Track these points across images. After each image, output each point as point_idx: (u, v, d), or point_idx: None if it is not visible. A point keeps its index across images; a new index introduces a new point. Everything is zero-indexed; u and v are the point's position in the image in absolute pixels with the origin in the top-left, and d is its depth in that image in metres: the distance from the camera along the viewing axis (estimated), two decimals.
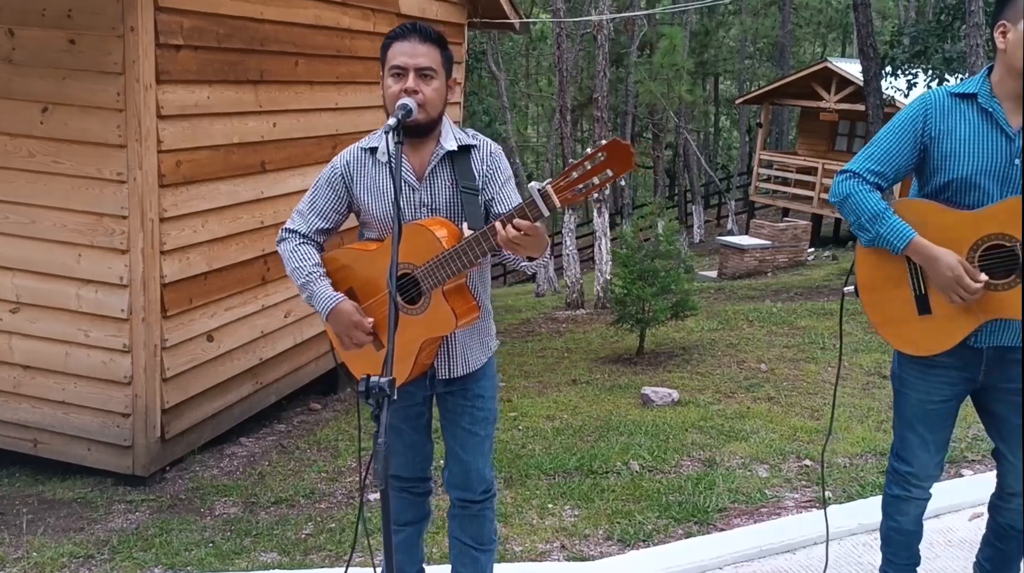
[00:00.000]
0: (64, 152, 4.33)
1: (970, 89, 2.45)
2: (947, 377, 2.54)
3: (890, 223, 2.42)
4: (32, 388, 4.62)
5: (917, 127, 2.46)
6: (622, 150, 2.11)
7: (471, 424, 2.66)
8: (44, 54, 4.25)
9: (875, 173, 2.49)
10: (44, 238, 4.44)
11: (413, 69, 2.42)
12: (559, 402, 5.85)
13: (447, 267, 2.35)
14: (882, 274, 2.52)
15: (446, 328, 2.44)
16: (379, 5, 6.23)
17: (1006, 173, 2.38)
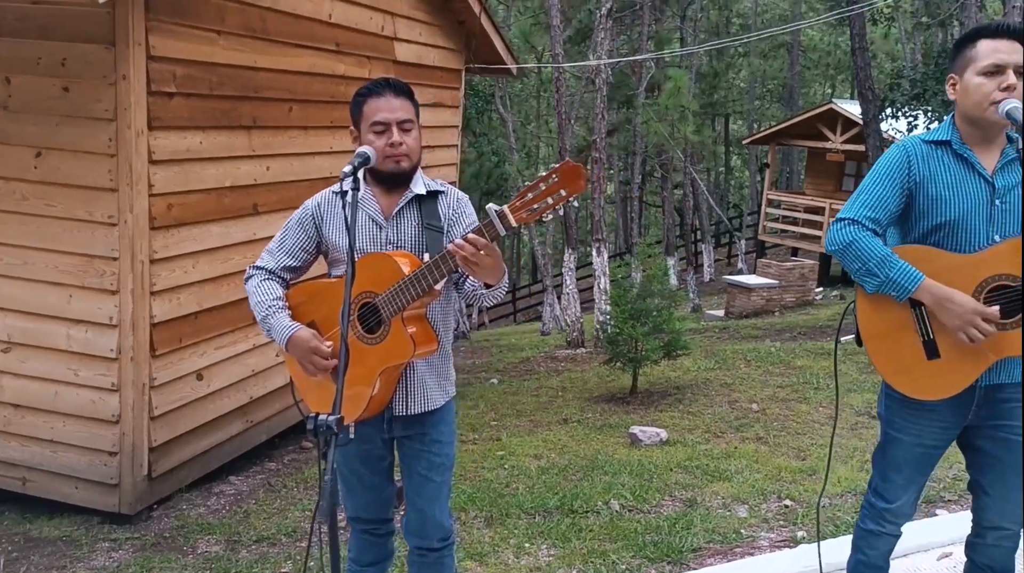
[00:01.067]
0: (56, 195, 4.45)
1: (942, 136, 2.53)
2: (940, 421, 2.55)
3: (899, 266, 2.44)
4: (21, 427, 4.69)
5: (903, 173, 2.52)
6: (574, 171, 2.21)
7: (427, 470, 2.70)
8: (38, 101, 4.39)
9: (872, 219, 2.52)
10: (36, 279, 4.54)
11: (395, 123, 2.54)
12: (548, 441, 5.87)
13: (407, 293, 2.42)
14: (887, 321, 2.53)
15: (404, 355, 2.49)
16: (375, 53, 6.39)
17: (990, 213, 2.45)
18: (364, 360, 2.56)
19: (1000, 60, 2.38)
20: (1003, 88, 2.37)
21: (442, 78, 7.48)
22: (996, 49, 2.40)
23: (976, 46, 2.43)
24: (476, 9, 7.42)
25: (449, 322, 2.77)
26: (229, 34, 4.90)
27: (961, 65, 2.46)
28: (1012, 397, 2.53)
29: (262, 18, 5.15)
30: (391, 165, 2.56)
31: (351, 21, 6.02)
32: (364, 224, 2.64)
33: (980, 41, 2.42)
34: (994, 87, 2.38)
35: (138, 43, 4.27)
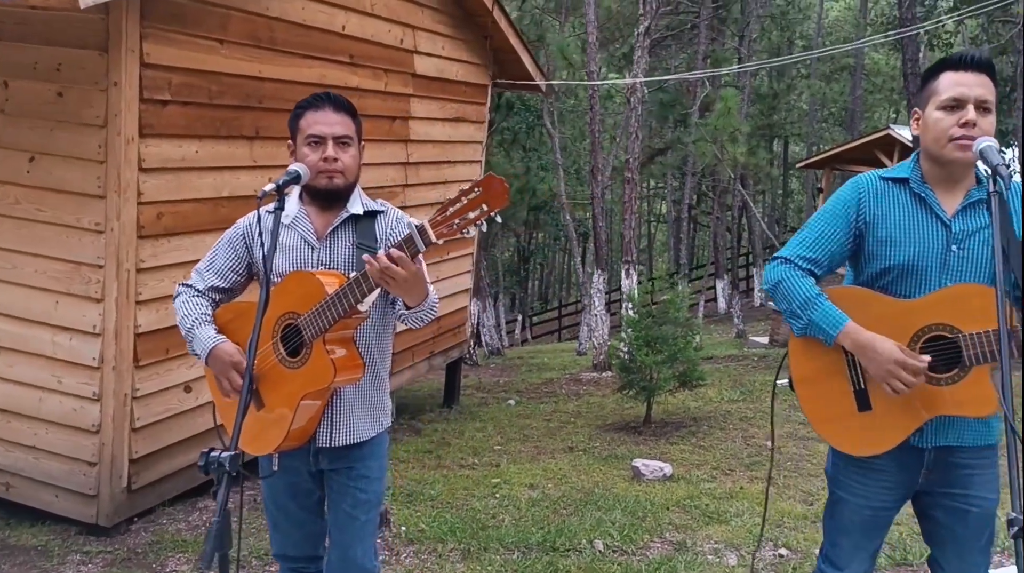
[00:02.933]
0: (47, 200, 4.42)
1: (902, 174, 2.35)
2: (887, 482, 2.36)
3: (822, 309, 2.28)
4: (6, 431, 4.66)
5: (850, 212, 2.36)
6: (497, 185, 2.10)
7: (352, 507, 2.54)
8: (34, 105, 4.37)
9: (807, 259, 2.37)
10: (25, 284, 4.51)
11: (331, 138, 2.42)
12: (548, 470, 5.68)
13: (329, 313, 2.29)
14: (818, 366, 2.36)
15: (324, 381, 2.35)
16: (392, 66, 6.30)
17: (945, 259, 2.26)
18: (285, 385, 2.43)
19: (959, 94, 2.19)
20: (961, 124, 2.17)
21: (466, 92, 7.37)
22: (958, 82, 2.20)
23: (939, 79, 2.24)
24: (502, 24, 7.30)
25: (386, 349, 2.62)
26: (233, 43, 4.84)
27: (924, 99, 2.29)
28: (966, 463, 2.32)
29: (270, 28, 5.08)
30: (324, 181, 2.44)
31: (367, 33, 5.94)
32: (296, 245, 2.51)
33: (944, 73, 2.24)
34: (952, 122, 2.19)
35: (131, 50, 4.22)
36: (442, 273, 7.43)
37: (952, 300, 2.18)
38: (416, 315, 2.40)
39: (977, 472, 2.32)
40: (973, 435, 2.31)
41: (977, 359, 2.15)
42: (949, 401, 2.19)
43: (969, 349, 2.15)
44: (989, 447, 2.34)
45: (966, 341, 2.16)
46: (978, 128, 2.18)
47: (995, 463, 2.36)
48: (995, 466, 2.36)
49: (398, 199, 6.56)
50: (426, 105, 6.77)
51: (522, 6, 19.44)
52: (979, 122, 2.19)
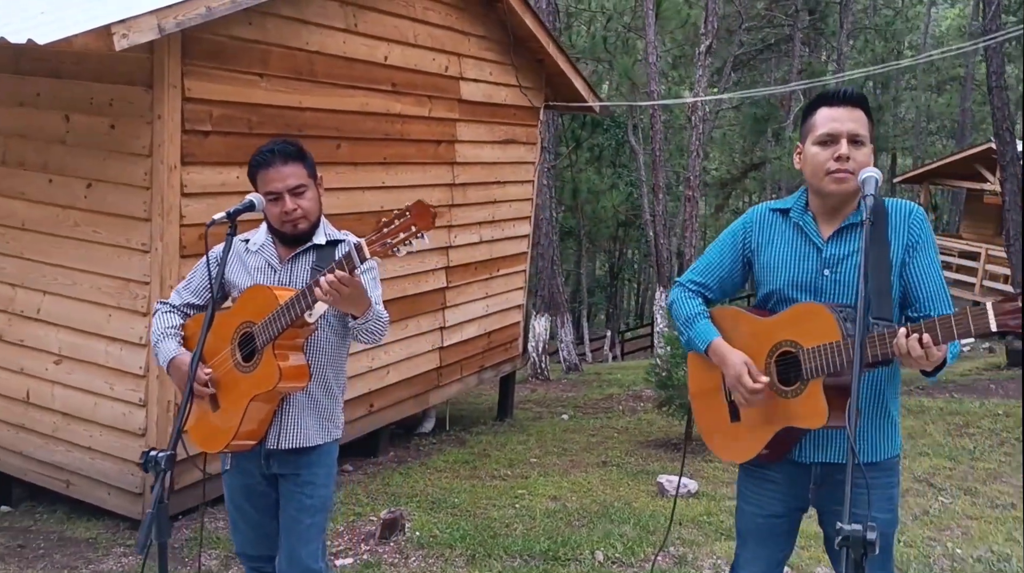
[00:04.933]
0: (102, 223, 4.86)
1: (787, 205, 2.54)
2: (778, 492, 2.50)
3: (698, 326, 2.51)
4: (67, 433, 5.12)
5: (737, 240, 2.57)
6: (424, 210, 2.34)
7: (297, 511, 2.77)
8: (90, 137, 4.82)
9: (696, 283, 2.64)
10: (83, 298, 4.96)
11: (286, 191, 2.68)
12: (576, 483, 5.80)
13: (278, 322, 2.55)
14: (706, 380, 2.57)
15: (268, 383, 2.59)
16: (437, 92, 6.58)
17: (816, 283, 2.41)
18: (237, 388, 2.69)
19: (833, 129, 2.31)
20: (836, 158, 2.29)
21: (516, 115, 7.60)
22: (832, 117, 2.33)
23: (816, 114, 2.38)
24: (550, 49, 7.50)
25: (340, 365, 2.85)
26: (273, 76, 5.19)
27: (804, 133, 2.44)
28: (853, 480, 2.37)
29: (310, 61, 5.43)
30: (289, 228, 2.71)
31: (410, 63, 6.23)
32: (260, 267, 2.78)
33: (820, 109, 2.37)
34: (828, 156, 2.32)
35: (173, 86, 4.62)
36: (492, 289, 7.67)
37: (796, 318, 2.33)
38: (365, 328, 2.62)
39: (863, 491, 2.37)
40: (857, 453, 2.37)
41: (813, 373, 2.26)
42: (793, 413, 2.32)
43: (807, 363, 2.26)
44: (875, 465, 2.40)
45: (804, 355, 2.27)
46: (852, 161, 2.29)
47: (888, 482, 2.43)
48: (888, 486, 2.42)
49: (444, 219, 6.83)
50: (473, 129, 7.02)
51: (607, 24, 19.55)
52: (853, 154, 2.29)
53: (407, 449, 6.86)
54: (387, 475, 5.92)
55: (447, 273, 6.96)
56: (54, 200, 4.99)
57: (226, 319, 2.72)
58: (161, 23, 4.21)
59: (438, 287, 6.89)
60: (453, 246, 6.98)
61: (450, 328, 7.12)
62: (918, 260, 2.38)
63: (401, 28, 6.09)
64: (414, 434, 7.44)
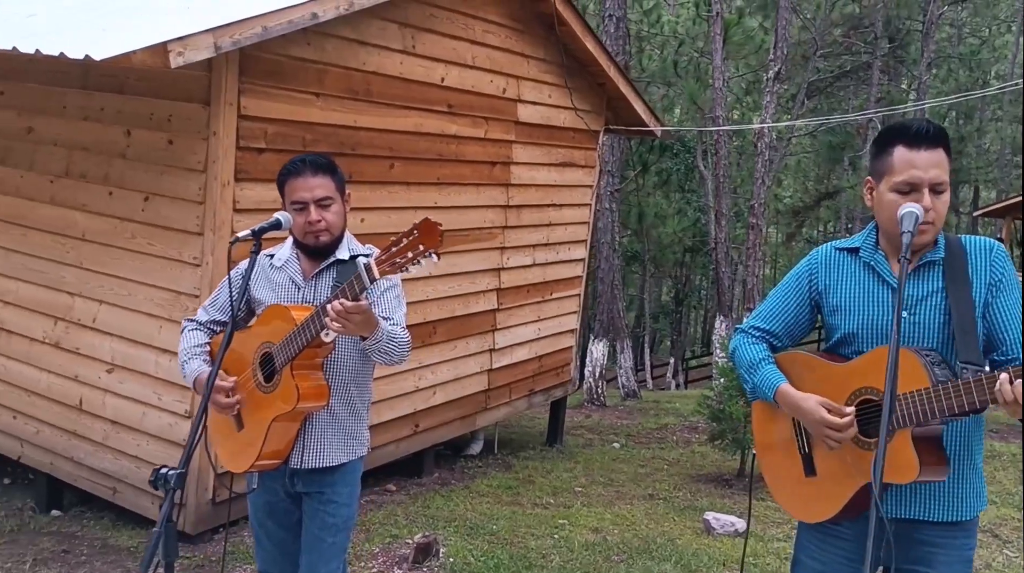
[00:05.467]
0: (157, 236, 4.95)
1: (855, 243, 2.38)
2: (846, 551, 2.33)
3: (762, 372, 2.35)
4: (116, 441, 5.21)
5: (803, 284, 2.43)
6: (431, 228, 2.31)
7: (320, 529, 2.75)
8: (149, 152, 4.93)
9: (760, 330, 2.48)
10: (136, 309, 5.06)
11: (312, 202, 2.69)
12: (620, 516, 5.67)
13: (295, 342, 2.54)
14: (774, 432, 2.42)
15: (288, 404, 2.59)
16: (494, 114, 6.57)
17: (890, 327, 2.22)
18: (260, 409, 2.68)
19: (914, 178, 2.13)
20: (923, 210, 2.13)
21: (574, 138, 7.55)
22: (911, 163, 2.14)
23: (892, 154, 2.18)
24: (611, 73, 7.44)
25: (364, 382, 2.83)
26: (329, 96, 5.25)
27: (878, 172, 2.24)
28: (930, 540, 2.23)
29: (366, 81, 5.47)
30: (312, 240, 2.70)
31: (467, 84, 6.24)
32: (284, 284, 2.78)
33: (896, 148, 2.18)
34: None
35: (229, 103, 4.69)
36: (544, 313, 7.60)
37: (877, 362, 2.16)
38: (376, 348, 2.59)
39: (941, 550, 2.23)
40: (937, 510, 2.23)
41: (900, 422, 2.11)
42: (886, 467, 2.15)
43: (895, 410, 2.11)
44: (956, 525, 2.24)
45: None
46: (932, 212, 2.13)
47: (964, 544, 2.26)
48: (964, 548, 2.26)
49: (497, 240, 6.80)
50: (529, 151, 6.99)
51: (679, 49, 19.42)
52: (935, 205, 2.14)
53: (452, 471, 6.81)
54: (429, 497, 5.87)
55: (498, 295, 6.92)
56: (113, 212, 5.10)
57: (248, 338, 2.73)
58: (218, 41, 4.28)
59: (489, 309, 6.85)
60: (505, 268, 6.94)
61: (500, 350, 7.07)
62: (1002, 300, 2.22)
63: (459, 50, 6.11)
64: (461, 456, 7.39)
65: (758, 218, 9.70)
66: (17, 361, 5.63)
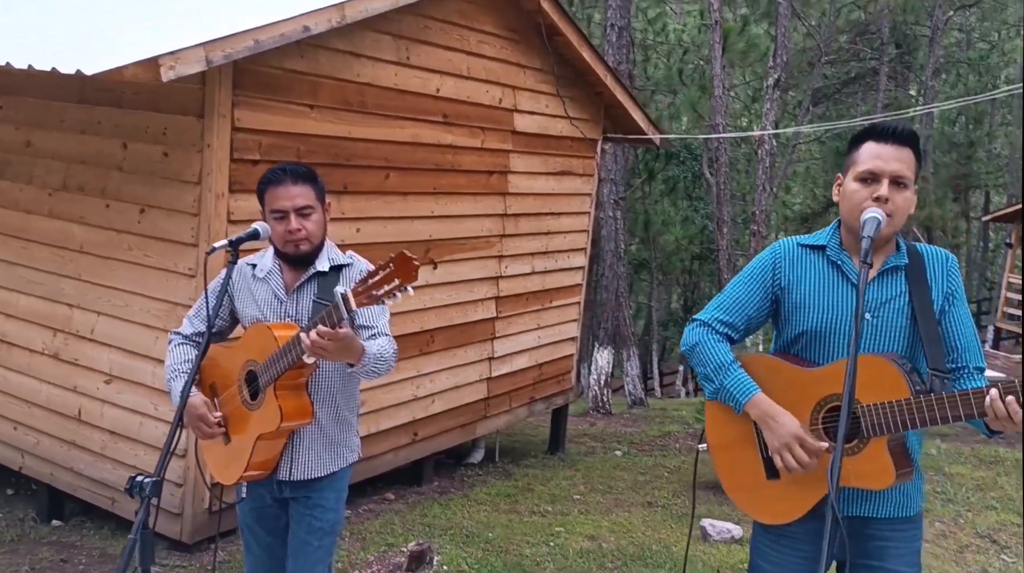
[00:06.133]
0: (152, 247, 5.00)
1: (820, 241, 2.38)
2: (801, 551, 2.35)
3: (734, 376, 2.33)
4: (114, 451, 5.26)
5: (767, 276, 2.41)
6: (407, 262, 2.31)
7: (307, 533, 2.79)
8: (146, 164, 4.99)
9: (724, 322, 2.44)
10: (133, 320, 5.10)
11: (292, 210, 2.72)
12: (617, 524, 5.67)
13: (278, 364, 2.56)
14: (731, 431, 2.41)
15: (271, 424, 2.62)
16: (490, 124, 6.61)
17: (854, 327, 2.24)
18: (246, 425, 2.71)
19: (876, 168, 2.18)
20: (874, 198, 2.16)
21: (572, 147, 7.57)
22: (876, 155, 2.19)
23: (861, 148, 2.24)
24: (608, 82, 7.47)
25: (351, 391, 2.86)
26: (323, 107, 5.29)
27: (846, 166, 2.29)
28: (882, 534, 2.28)
29: (360, 92, 5.51)
30: (291, 249, 2.73)
31: (463, 95, 6.28)
32: (267, 298, 2.81)
33: (866, 143, 2.23)
34: (867, 195, 2.19)
35: (223, 116, 4.74)
36: (544, 321, 7.62)
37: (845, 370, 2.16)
38: (363, 371, 2.61)
39: (892, 544, 2.28)
40: (888, 507, 2.28)
41: (874, 430, 2.13)
42: (851, 472, 2.17)
43: (868, 420, 2.13)
44: (906, 520, 2.31)
45: (864, 412, 2.14)
46: (891, 203, 2.16)
47: (914, 536, 2.32)
48: (914, 539, 2.32)
49: (495, 248, 6.83)
50: (527, 160, 7.02)
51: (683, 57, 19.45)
52: (893, 197, 2.17)
53: (452, 479, 6.83)
54: (427, 506, 5.89)
55: (497, 303, 6.95)
56: (110, 224, 5.16)
57: (234, 354, 2.77)
58: (209, 55, 4.33)
59: (487, 317, 6.87)
60: (504, 276, 6.96)
61: (499, 358, 7.09)
62: (956, 310, 2.28)
63: (455, 61, 6.15)
64: (462, 464, 7.41)
65: (760, 225, 9.71)
66: (18, 373, 5.68)
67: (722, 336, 2.39)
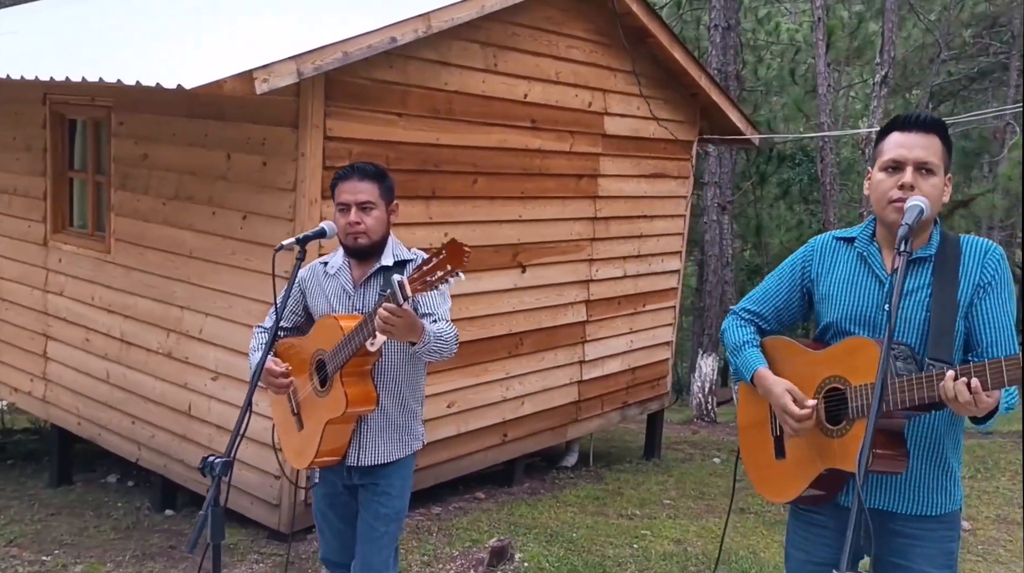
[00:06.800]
0: (254, 252, 5.29)
1: (852, 233, 2.41)
2: (826, 538, 2.40)
3: (744, 354, 2.45)
4: (220, 445, 5.56)
5: (796, 271, 2.49)
6: (457, 249, 2.44)
7: (373, 519, 2.92)
8: (247, 173, 5.28)
9: (750, 312, 2.55)
10: (236, 321, 5.40)
11: (354, 204, 2.88)
12: (705, 528, 5.61)
13: (344, 351, 2.72)
14: (753, 413, 2.51)
15: (338, 410, 2.78)
16: (579, 127, 6.66)
17: (875, 318, 2.28)
18: (316, 411, 2.88)
19: (899, 156, 2.19)
20: (899, 186, 2.15)
21: (665, 149, 7.54)
22: (900, 144, 2.20)
23: (886, 139, 2.26)
24: (703, 83, 7.41)
25: (416, 380, 2.99)
26: (412, 116, 5.47)
27: (874, 159, 2.28)
28: (906, 532, 2.26)
29: (448, 100, 5.67)
30: (351, 241, 2.88)
31: (551, 99, 6.36)
32: (336, 293, 2.97)
33: (891, 134, 2.25)
34: (892, 185, 2.19)
35: (315, 126, 4.98)
36: (637, 325, 7.60)
37: (846, 353, 2.22)
38: (423, 349, 2.73)
39: (918, 543, 2.25)
40: (908, 503, 2.27)
41: (859, 412, 2.13)
42: (838, 453, 2.20)
43: (853, 401, 2.14)
44: (934, 518, 2.26)
45: (851, 393, 2.15)
46: (916, 190, 2.15)
47: (945, 537, 2.28)
48: (945, 541, 2.28)
49: (585, 252, 6.87)
50: (618, 163, 7.04)
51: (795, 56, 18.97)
52: (919, 184, 2.16)
53: (543, 481, 6.90)
54: (515, 505, 5.98)
55: (587, 307, 6.99)
56: (216, 231, 5.48)
57: (307, 344, 2.94)
58: (300, 68, 4.56)
59: (577, 321, 6.92)
60: (594, 280, 6.99)
61: (590, 362, 7.12)
62: (988, 301, 2.23)
63: (542, 66, 6.24)
64: (555, 467, 7.47)
65: None
66: (136, 370, 6.09)
67: (747, 322, 2.50)
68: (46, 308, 6.73)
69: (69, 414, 6.64)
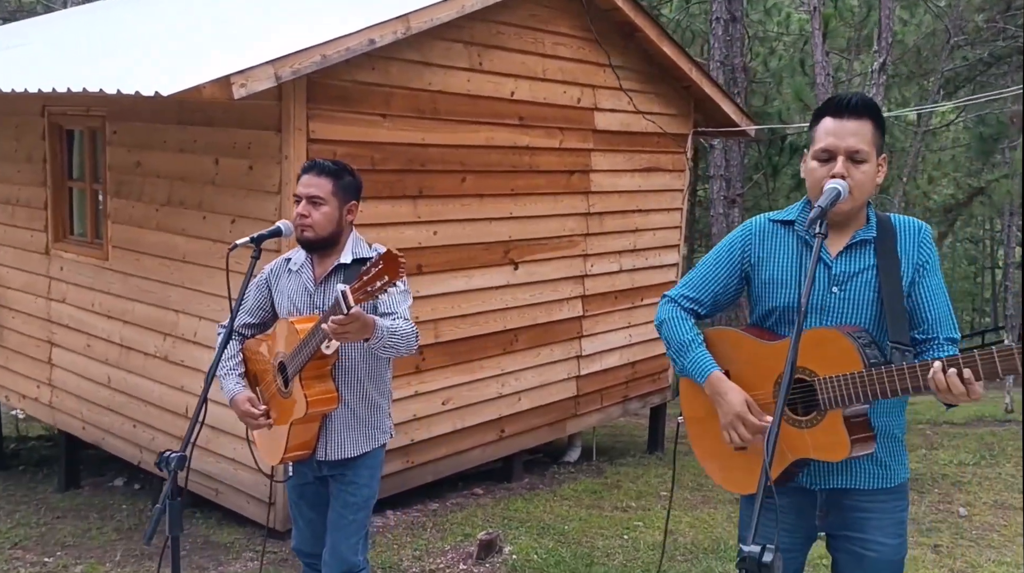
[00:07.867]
0: (243, 255, 5.31)
1: (789, 216, 2.41)
2: (784, 523, 2.38)
3: (693, 355, 2.42)
4: (216, 445, 5.65)
5: (735, 255, 2.46)
6: (391, 259, 2.50)
7: (342, 508, 2.99)
8: (234, 177, 5.36)
9: (690, 299, 2.51)
10: None
11: (304, 197, 2.95)
12: (698, 519, 5.62)
13: (300, 355, 2.78)
14: (703, 405, 2.47)
15: (300, 411, 2.84)
16: (569, 124, 6.69)
17: (824, 301, 2.28)
18: (281, 411, 2.95)
19: (831, 145, 2.20)
20: (831, 176, 2.16)
21: (659, 143, 7.55)
22: (831, 131, 2.21)
23: (818, 125, 2.25)
24: (693, 75, 7.41)
25: (380, 375, 3.04)
26: (396, 116, 5.53)
27: (809, 142, 2.29)
28: (861, 505, 2.28)
29: (432, 100, 5.72)
30: (298, 233, 2.95)
31: (538, 96, 6.39)
32: (298, 290, 3.03)
33: (824, 119, 2.24)
34: (825, 174, 2.20)
35: (299, 129, 5.05)
36: (635, 319, 7.62)
37: (813, 344, 2.17)
38: (378, 345, 2.78)
39: (873, 516, 2.28)
40: (866, 478, 2.28)
41: (830, 404, 2.13)
42: (809, 444, 2.19)
43: (825, 393, 2.13)
44: (886, 490, 2.29)
45: (820, 385, 2.14)
46: (849, 179, 2.16)
47: (897, 507, 2.31)
48: (897, 510, 2.31)
49: (579, 247, 6.90)
50: (610, 158, 7.06)
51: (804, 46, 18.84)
52: (851, 173, 2.16)
53: (543, 476, 6.93)
54: (511, 501, 6.02)
55: (583, 302, 7.01)
56: (207, 235, 5.57)
57: (270, 345, 3.00)
58: (278, 72, 4.62)
59: (573, 316, 6.95)
60: (589, 275, 7.02)
61: (588, 357, 7.14)
62: (928, 280, 2.26)
63: (529, 64, 6.28)
64: (557, 462, 7.50)
65: None
66: (135, 374, 6.20)
67: (688, 312, 2.47)
68: (50, 316, 6.86)
69: (74, 419, 6.77)
